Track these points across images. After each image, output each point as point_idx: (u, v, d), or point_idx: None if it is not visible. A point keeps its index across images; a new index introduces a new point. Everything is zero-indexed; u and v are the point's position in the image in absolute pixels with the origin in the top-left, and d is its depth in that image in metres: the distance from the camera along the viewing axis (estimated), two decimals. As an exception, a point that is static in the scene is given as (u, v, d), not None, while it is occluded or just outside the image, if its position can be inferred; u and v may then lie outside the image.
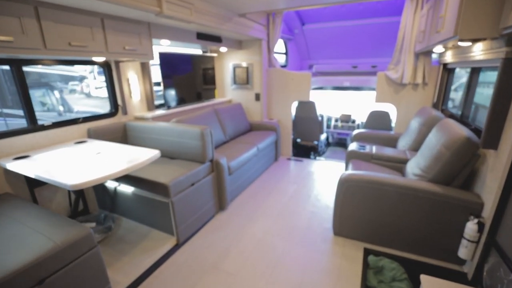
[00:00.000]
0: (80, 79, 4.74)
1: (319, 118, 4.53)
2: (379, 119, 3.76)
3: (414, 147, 2.73)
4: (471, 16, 1.53)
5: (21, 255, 1.24)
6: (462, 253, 1.81)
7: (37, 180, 1.67)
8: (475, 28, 1.55)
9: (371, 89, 4.70)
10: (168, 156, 2.62)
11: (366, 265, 1.97)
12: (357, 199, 2.10)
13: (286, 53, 4.99)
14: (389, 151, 2.73)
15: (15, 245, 1.31)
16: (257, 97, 4.14)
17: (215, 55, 3.97)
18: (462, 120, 2.44)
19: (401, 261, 1.95)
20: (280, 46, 4.87)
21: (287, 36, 4.67)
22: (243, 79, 4.12)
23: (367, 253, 2.10)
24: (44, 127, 2.16)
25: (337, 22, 4.26)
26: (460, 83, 2.80)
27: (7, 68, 1.95)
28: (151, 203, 2.21)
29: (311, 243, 2.24)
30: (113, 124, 2.66)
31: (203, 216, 2.47)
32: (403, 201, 1.95)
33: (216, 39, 3.41)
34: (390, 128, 3.74)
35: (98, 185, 2.39)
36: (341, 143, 5.57)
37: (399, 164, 2.60)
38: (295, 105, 4.56)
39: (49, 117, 4.73)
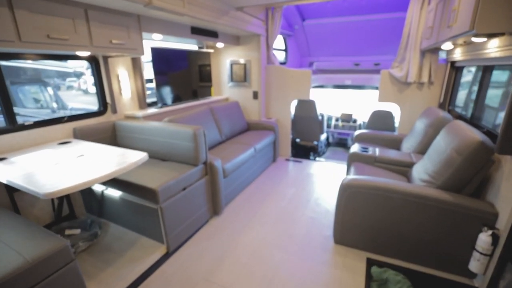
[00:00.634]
0: (78, 75, 4.59)
1: (319, 118, 4.38)
2: (381, 119, 3.62)
3: (420, 150, 2.59)
4: (490, 9, 1.38)
5: (-18, 275, 1.10)
6: (474, 266, 1.68)
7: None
8: (494, 21, 1.40)
9: (374, 87, 4.55)
10: (159, 158, 2.47)
11: (369, 277, 1.84)
12: (360, 206, 1.96)
13: (285, 50, 4.83)
14: (393, 154, 2.59)
15: (-23, 263, 1.17)
16: (255, 95, 3.98)
17: (211, 51, 3.81)
18: (472, 122, 2.30)
19: (407, 273, 1.82)
20: (279, 43, 4.70)
21: (286, 32, 4.50)
22: (240, 77, 3.97)
23: (370, 263, 1.96)
24: (24, 127, 2.01)
25: (338, 18, 4.09)
26: (470, 82, 2.65)
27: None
28: (139, 208, 2.06)
29: (311, 252, 2.10)
30: (101, 123, 2.51)
31: (196, 222, 2.33)
32: (410, 209, 1.82)
33: (212, 34, 3.25)
34: (393, 129, 3.60)
35: (85, 188, 2.24)
36: (341, 143, 5.42)
37: (404, 168, 2.46)
38: (294, 103, 4.40)
39: (42, 115, 4.59)
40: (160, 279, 1.84)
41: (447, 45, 2.45)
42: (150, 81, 2.96)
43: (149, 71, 2.90)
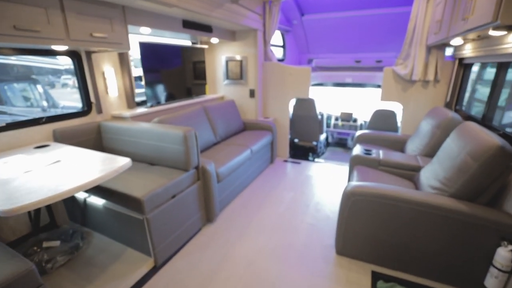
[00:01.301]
0: (71, 72, 4.40)
1: (319, 117, 4.21)
2: (384, 119, 3.46)
3: (427, 153, 2.44)
4: (516, -3, 1.22)
5: None
6: (490, 283, 1.53)
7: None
8: (521, 11, 1.23)
9: (375, 86, 4.39)
10: (148, 162, 2.28)
11: (375, 294, 1.68)
12: (365, 215, 1.80)
13: (283, 46, 4.64)
14: (398, 157, 2.43)
15: None
16: (251, 93, 3.80)
17: (205, 46, 3.62)
18: (485, 124, 2.14)
19: (416, 289, 1.67)
20: (277, 39, 4.51)
21: (285, 28, 4.32)
22: (236, 74, 3.78)
23: (375, 277, 1.80)
24: (-5, 129, 1.82)
25: (339, 13, 3.91)
26: (481, 80, 2.49)
27: None
28: (124, 218, 1.88)
29: (311, 265, 1.94)
30: (85, 124, 2.32)
31: (187, 231, 2.16)
32: (420, 219, 1.66)
33: (206, 29, 3.05)
34: (396, 129, 3.44)
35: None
36: (341, 143, 5.26)
37: (410, 172, 2.30)
38: (292, 102, 4.22)
39: (32, 113, 4.39)
40: (146, 298, 1.67)
41: (456, 41, 2.29)
42: (140, 78, 2.77)
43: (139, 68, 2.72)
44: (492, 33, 1.61)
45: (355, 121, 4.90)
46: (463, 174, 1.62)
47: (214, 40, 3.46)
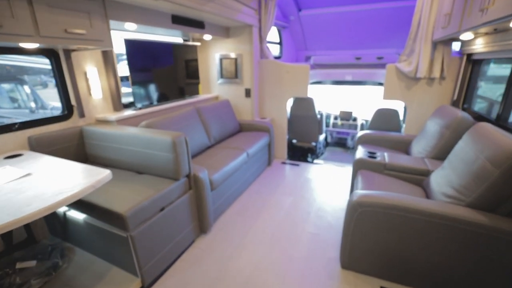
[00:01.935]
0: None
1: (318, 117, 4.04)
2: (386, 119, 3.30)
3: (435, 155, 2.28)
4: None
5: None
6: (514, 303, 1.38)
7: None
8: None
9: (376, 83, 4.23)
10: (135, 170, 2.10)
11: (386, 315, 1.53)
12: (373, 227, 1.64)
13: (280, 43, 4.45)
14: (405, 160, 2.27)
15: None
16: (247, 93, 3.62)
17: (198, 44, 3.42)
18: (500, 124, 1.99)
19: (430, 309, 1.51)
20: (273, 35, 4.32)
21: (281, 24, 4.13)
22: (231, 73, 3.59)
23: (385, 295, 1.65)
24: (-41, 138, 1.61)
25: (338, 8, 3.73)
26: (494, 77, 2.34)
27: None
28: (107, 235, 1.70)
29: (314, 280, 1.77)
30: (65, 129, 2.13)
31: (178, 245, 1.98)
32: (434, 231, 1.50)
33: (198, 24, 2.86)
34: (399, 129, 3.28)
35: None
36: (341, 143, 5.10)
37: (418, 176, 2.15)
38: (290, 102, 4.04)
39: (20, 115, 4.16)
40: (131, 326, 1.50)
41: (466, 35, 2.13)
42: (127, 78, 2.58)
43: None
44: (513, 25, 1.45)
45: (355, 120, 4.74)
46: (482, 181, 1.46)
47: (207, 37, 3.26)
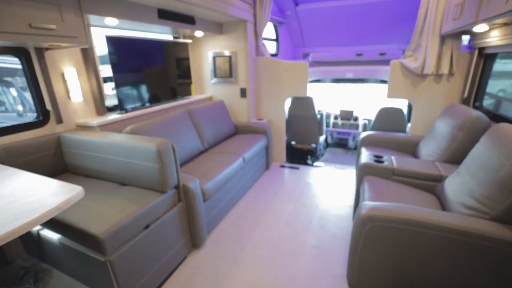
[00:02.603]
0: None
1: (318, 117, 3.84)
2: (390, 118, 3.12)
3: (447, 158, 2.10)
4: None
5: None
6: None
7: None
8: None
9: (379, 81, 4.04)
10: (118, 182, 1.89)
11: None
12: (385, 244, 1.45)
13: (276, 40, 4.25)
14: (415, 164, 2.09)
15: None
16: (242, 92, 3.42)
17: (189, 41, 3.21)
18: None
19: (452, 337, 1.33)
20: (269, 31, 4.12)
21: (277, 19, 3.92)
22: (225, 71, 3.38)
23: (399, 320, 1.46)
24: None
25: (337, 1, 3.53)
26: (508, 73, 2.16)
27: None
28: (84, 258, 1.49)
29: (319, 303, 1.59)
30: (40, 137, 1.92)
31: (168, 264, 1.78)
32: (455, 249, 1.31)
33: (187, 20, 2.65)
34: (404, 129, 3.10)
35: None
36: (341, 143, 4.91)
37: (430, 183, 1.96)
38: (288, 102, 3.84)
39: (7, 119, 3.95)
40: None
41: (481, 27, 1.95)
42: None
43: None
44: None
45: (356, 119, 4.55)
46: (510, 191, 1.27)
47: (199, 34, 3.05)
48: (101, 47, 2.30)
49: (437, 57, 2.54)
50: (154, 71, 2.74)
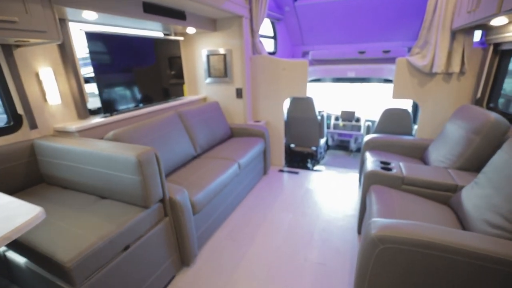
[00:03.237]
0: None
1: (318, 118, 3.65)
2: (396, 120, 2.93)
3: (462, 165, 1.91)
4: None
5: None
6: None
7: None
8: None
9: (382, 80, 3.85)
10: (98, 194, 1.69)
11: None
12: (398, 269, 1.26)
13: (274, 37, 4.05)
14: (426, 172, 1.90)
15: None
16: (238, 93, 3.22)
17: (181, 38, 3.01)
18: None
19: None
20: (266, 28, 3.92)
21: (275, 15, 3.72)
22: (220, 71, 3.19)
23: None
24: None
25: (338, -4, 3.34)
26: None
27: None
28: (51, 286, 1.30)
29: (323, 334, 1.40)
30: (11, 145, 1.72)
31: (153, 287, 1.58)
32: (485, 279, 1.13)
33: (177, 15, 2.45)
34: (410, 132, 2.92)
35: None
36: (342, 145, 4.72)
37: (443, 193, 1.78)
38: (287, 102, 3.65)
39: None
40: None
41: (500, 20, 1.76)
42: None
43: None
44: None
45: (358, 120, 4.36)
46: (546, 211, 1.09)
47: (191, 30, 2.85)
48: (82, 45, 2.10)
49: (447, 54, 2.36)
50: (141, 71, 2.53)
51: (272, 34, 4.01)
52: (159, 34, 2.91)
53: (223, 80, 3.22)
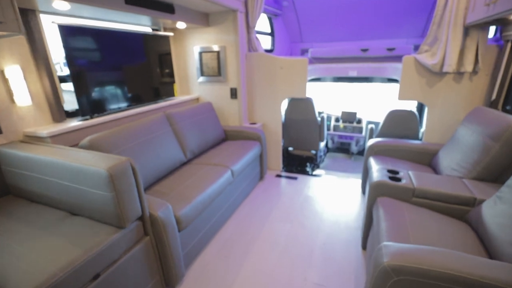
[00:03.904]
0: None
1: (318, 120, 3.45)
2: (401, 122, 2.73)
3: (479, 175, 1.73)
4: None
5: None
6: None
7: None
8: None
9: (385, 80, 3.66)
10: (68, 210, 1.48)
11: None
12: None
13: (271, 34, 3.84)
14: (439, 183, 1.70)
15: None
16: (233, 93, 3.01)
17: (170, 34, 2.79)
18: None
19: None
20: (263, 24, 3.71)
21: (273, 11, 3.51)
22: (213, 69, 2.98)
23: None
24: None
25: (340, -10, 3.14)
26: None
27: None
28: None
29: None
30: (-32, 152, 1.50)
31: (130, 317, 1.38)
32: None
33: (164, 7, 2.23)
34: (417, 135, 2.73)
35: None
36: (343, 148, 4.52)
37: (459, 207, 1.59)
38: (285, 103, 3.44)
39: None
40: None
41: (524, 13, 1.56)
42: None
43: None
44: None
45: (359, 122, 4.17)
46: None
47: (181, 25, 2.64)
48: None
49: (459, 52, 2.16)
50: (126, 69, 2.32)
51: (269, 31, 3.79)
52: (148, 29, 2.70)
53: (216, 79, 3.01)
